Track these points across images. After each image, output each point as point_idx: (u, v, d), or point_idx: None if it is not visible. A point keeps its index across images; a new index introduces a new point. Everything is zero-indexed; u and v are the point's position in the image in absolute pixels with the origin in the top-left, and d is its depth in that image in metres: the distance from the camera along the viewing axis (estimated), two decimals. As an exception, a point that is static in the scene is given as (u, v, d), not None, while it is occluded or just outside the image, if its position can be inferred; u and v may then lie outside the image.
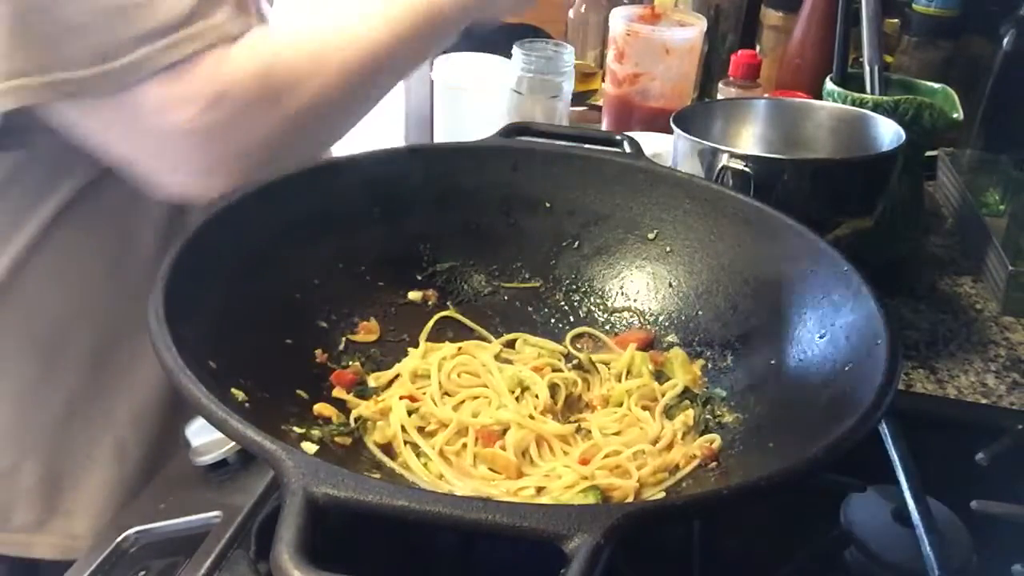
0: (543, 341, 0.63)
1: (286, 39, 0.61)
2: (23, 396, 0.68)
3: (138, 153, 0.58)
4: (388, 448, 0.53)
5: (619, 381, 0.60)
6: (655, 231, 0.65)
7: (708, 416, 0.56)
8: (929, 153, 1.06)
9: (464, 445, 0.53)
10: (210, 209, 0.54)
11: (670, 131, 0.78)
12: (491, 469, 0.52)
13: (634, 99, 1.13)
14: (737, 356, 0.59)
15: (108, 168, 0.61)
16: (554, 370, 0.60)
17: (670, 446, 0.54)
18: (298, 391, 0.54)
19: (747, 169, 0.70)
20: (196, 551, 0.51)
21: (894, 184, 0.77)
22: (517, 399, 0.57)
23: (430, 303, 0.65)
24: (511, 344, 0.63)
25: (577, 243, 0.67)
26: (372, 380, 0.59)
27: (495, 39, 1.21)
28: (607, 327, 0.65)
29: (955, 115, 0.82)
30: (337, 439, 0.53)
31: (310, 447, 0.49)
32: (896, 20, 1.23)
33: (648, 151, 0.69)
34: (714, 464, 0.52)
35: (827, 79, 0.89)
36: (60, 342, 0.67)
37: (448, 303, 0.65)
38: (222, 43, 0.57)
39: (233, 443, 0.55)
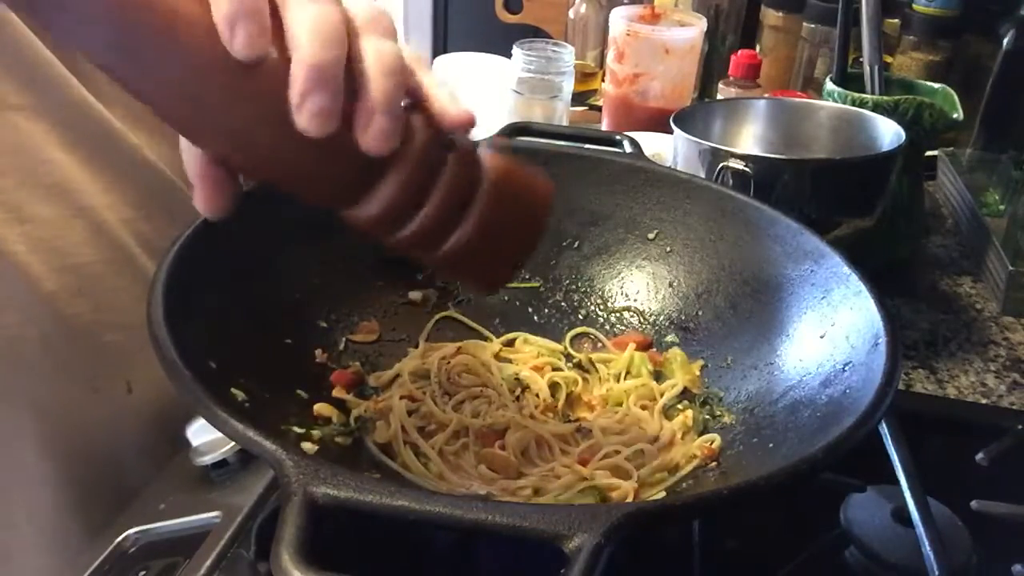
0: (543, 340, 0.63)
1: None
2: None
3: None
4: (388, 448, 0.53)
5: (618, 381, 0.60)
6: (655, 231, 0.65)
7: (708, 416, 0.56)
8: (929, 153, 1.06)
9: (464, 445, 0.53)
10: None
11: (670, 131, 0.78)
12: (491, 469, 0.52)
13: (634, 99, 1.13)
14: (736, 356, 0.59)
15: None
16: (554, 369, 0.60)
17: (669, 446, 0.55)
18: (298, 391, 0.54)
19: (747, 169, 0.70)
20: (196, 551, 0.51)
21: (894, 184, 0.77)
22: (517, 399, 0.57)
23: (430, 303, 0.65)
24: (511, 343, 0.63)
25: (577, 243, 0.67)
26: (372, 380, 0.59)
27: (495, 39, 1.21)
28: (607, 327, 0.65)
29: (955, 115, 0.82)
30: (337, 439, 0.53)
31: (310, 447, 0.49)
32: (896, 20, 1.23)
33: (648, 151, 0.69)
34: (714, 464, 0.52)
35: (827, 79, 0.89)
36: None
37: (448, 303, 0.65)
38: None
39: (233, 443, 0.55)
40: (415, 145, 0.38)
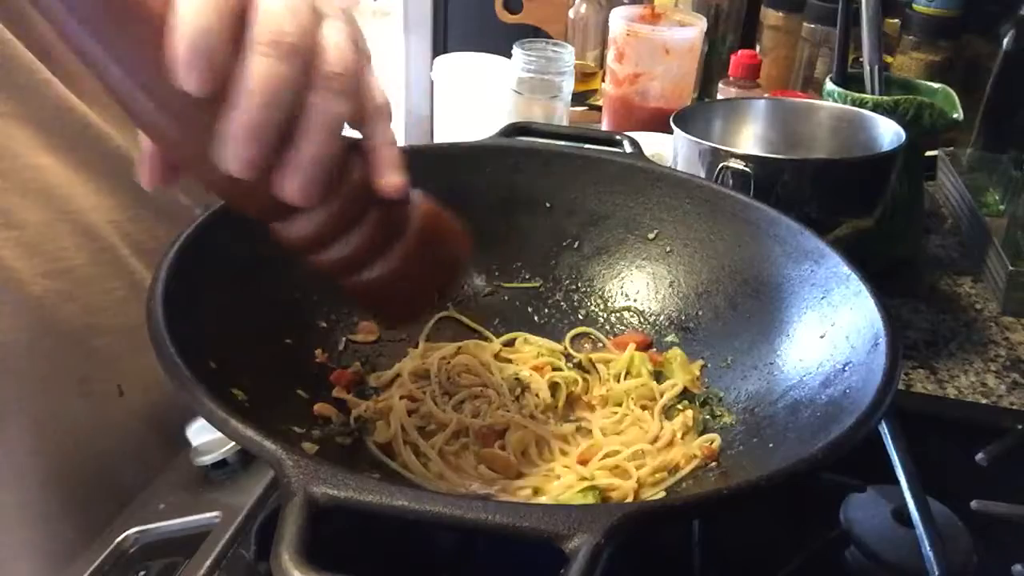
0: (543, 340, 0.63)
1: None
2: None
3: None
4: (388, 448, 0.53)
5: (618, 381, 0.60)
6: (655, 231, 0.65)
7: (708, 416, 0.56)
8: (929, 153, 1.06)
9: (464, 445, 0.53)
10: (209, 208, 0.54)
11: (670, 131, 0.78)
12: (491, 469, 0.52)
13: (634, 99, 1.13)
14: (736, 356, 0.59)
15: None
16: (554, 369, 0.60)
17: (669, 446, 0.55)
18: (298, 391, 0.54)
19: (747, 169, 0.70)
20: (196, 551, 0.51)
21: (894, 184, 0.77)
22: (517, 399, 0.57)
23: (430, 303, 0.65)
24: (511, 343, 0.63)
25: (577, 243, 0.67)
26: (372, 380, 0.59)
27: (495, 39, 1.21)
28: (607, 327, 0.65)
29: (955, 115, 0.82)
30: (337, 439, 0.53)
31: (310, 447, 0.49)
32: (896, 20, 1.23)
33: (648, 151, 0.69)
34: (714, 464, 0.52)
35: (827, 79, 0.89)
36: None
37: (448, 303, 0.65)
38: None
39: (233, 443, 0.55)
40: (347, 183, 0.40)
